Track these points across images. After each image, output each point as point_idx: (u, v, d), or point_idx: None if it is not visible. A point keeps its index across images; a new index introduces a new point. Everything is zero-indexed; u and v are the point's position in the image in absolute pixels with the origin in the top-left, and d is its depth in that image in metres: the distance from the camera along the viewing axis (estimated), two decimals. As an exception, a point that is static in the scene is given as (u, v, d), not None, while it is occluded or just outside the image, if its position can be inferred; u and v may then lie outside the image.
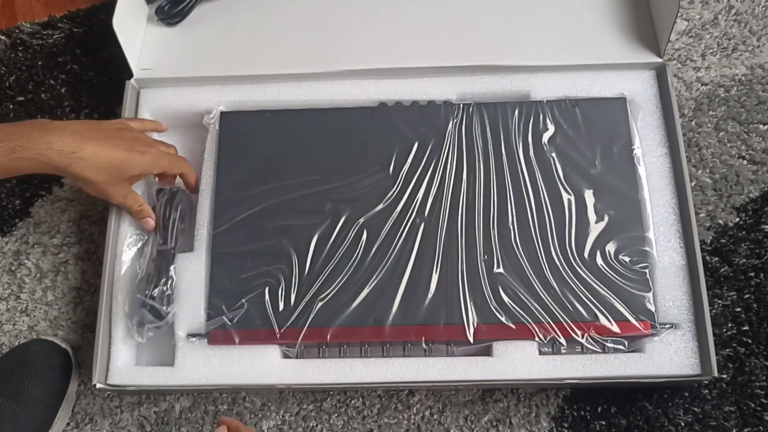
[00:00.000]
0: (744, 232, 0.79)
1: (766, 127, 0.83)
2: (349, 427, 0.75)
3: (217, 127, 0.79)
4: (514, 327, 0.69)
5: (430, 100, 0.79)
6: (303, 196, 0.75)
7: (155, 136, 0.79)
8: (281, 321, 0.71)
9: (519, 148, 0.76)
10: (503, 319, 0.69)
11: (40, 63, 0.93)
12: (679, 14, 0.78)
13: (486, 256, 0.72)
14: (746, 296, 0.77)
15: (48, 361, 0.75)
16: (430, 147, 0.76)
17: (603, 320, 0.69)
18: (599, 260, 0.71)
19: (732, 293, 0.77)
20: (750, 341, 0.75)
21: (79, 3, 0.96)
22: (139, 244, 0.77)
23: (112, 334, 0.73)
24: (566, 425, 0.73)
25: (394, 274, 0.71)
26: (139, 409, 0.77)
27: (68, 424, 0.76)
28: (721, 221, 0.80)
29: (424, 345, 0.70)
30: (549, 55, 0.80)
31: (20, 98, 0.91)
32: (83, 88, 0.91)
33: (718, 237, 0.79)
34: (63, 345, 0.77)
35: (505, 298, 0.70)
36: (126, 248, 0.76)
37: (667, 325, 0.70)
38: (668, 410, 0.73)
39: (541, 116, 0.77)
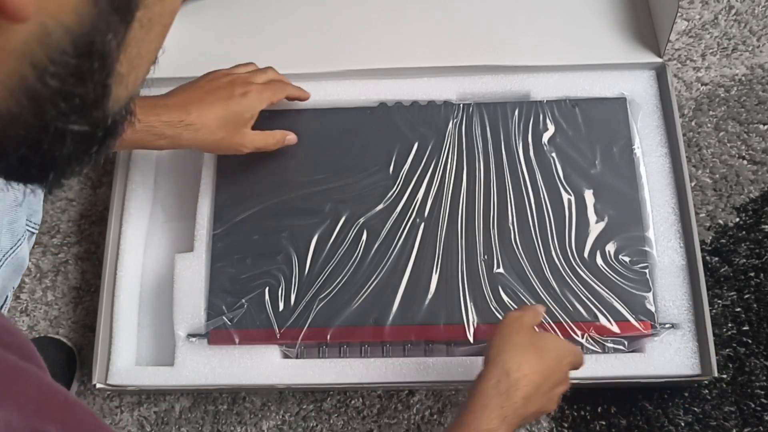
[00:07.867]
0: (744, 232, 0.79)
1: (766, 127, 0.83)
2: (349, 427, 0.75)
3: (217, 127, 0.79)
4: (514, 327, 0.69)
5: (430, 100, 0.79)
6: (303, 196, 0.75)
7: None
8: (281, 321, 0.71)
9: (519, 148, 0.76)
10: (503, 319, 0.69)
11: (39, 63, 0.92)
12: (678, 14, 0.78)
13: (486, 256, 0.72)
14: (746, 296, 0.77)
15: (54, 358, 0.75)
16: (430, 147, 0.76)
17: (603, 320, 0.69)
18: (599, 260, 0.71)
19: (732, 293, 0.77)
20: (750, 341, 0.75)
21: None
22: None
23: (113, 334, 0.73)
24: (566, 425, 0.73)
25: (394, 274, 0.71)
26: (138, 409, 0.77)
27: (68, 424, 0.76)
28: (721, 221, 0.80)
29: (424, 345, 0.70)
30: (549, 55, 0.80)
31: (20, 98, 0.91)
32: (83, 88, 0.91)
33: (718, 237, 0.79)
34: (68, 343, 0.77)
35: (505, 298, 0.70)
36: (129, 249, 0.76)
37: (667, 325, 0.70)
38: (668, 410, 0.73)
39: (541, 116, 0.77)
